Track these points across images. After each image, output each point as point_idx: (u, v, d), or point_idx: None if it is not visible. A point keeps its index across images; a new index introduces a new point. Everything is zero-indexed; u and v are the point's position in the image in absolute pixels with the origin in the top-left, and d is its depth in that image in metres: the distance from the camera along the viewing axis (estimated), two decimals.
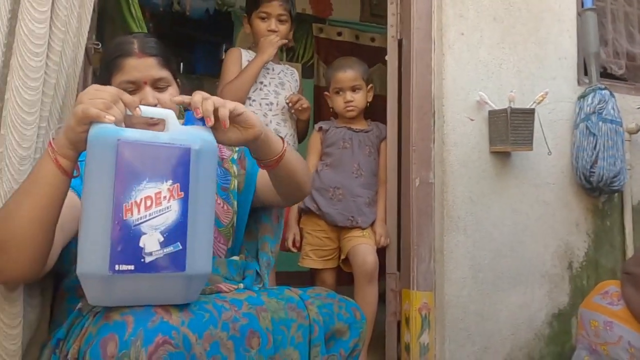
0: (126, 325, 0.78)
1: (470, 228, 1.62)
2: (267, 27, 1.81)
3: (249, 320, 0.90)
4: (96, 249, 0.79)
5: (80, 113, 0.82)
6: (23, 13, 1.05)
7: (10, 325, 0.98)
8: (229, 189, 1.20)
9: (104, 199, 0.80)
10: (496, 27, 1.70)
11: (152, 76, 1.12)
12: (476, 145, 1.65)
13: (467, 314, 1.59)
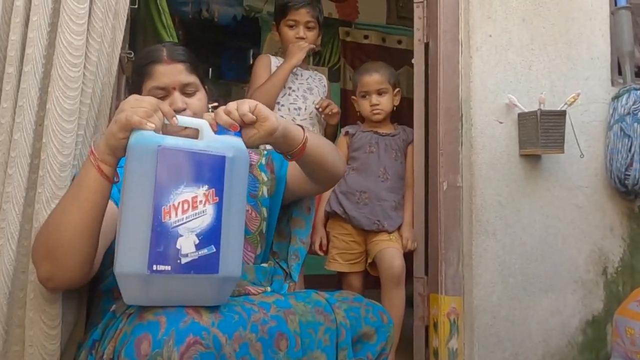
0: (159, 325, 0.80)
1: (499, 232, 1.59)
2: (295, 34, 1.83)
3: (277, 323, 0.92)
4: (135, 249, 0.82)
5: (123, 120, 0.86)
6: (62, 26, 1.10)
7: (51, 326, 1.02)
8: (257, 195, 1.22)
9: (144, 201, 0.84)
10: (525, 28, 1.68)
11: (181, 81, 1.16)
12: (505, 149, 1.62)
13: (497, 319, 1.57)
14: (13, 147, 1.06)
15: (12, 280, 1.04)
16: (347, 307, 1.05)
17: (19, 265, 1.06)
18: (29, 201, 1.08)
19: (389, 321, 1.10)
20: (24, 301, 1.05)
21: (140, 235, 0.83)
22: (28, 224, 1.07)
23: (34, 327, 1.02)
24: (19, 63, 1.10)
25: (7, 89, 1.08)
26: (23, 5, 1.10)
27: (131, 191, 0.84)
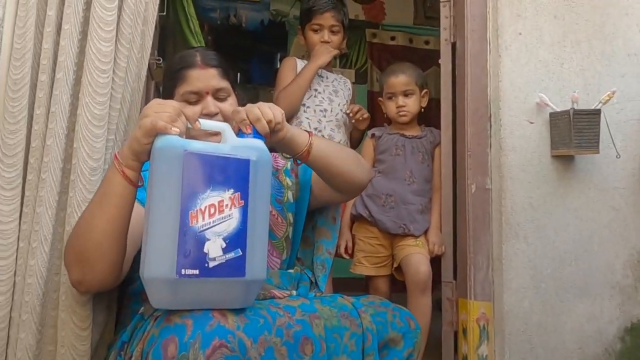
0: (186, 328, 0.81)
1: (530, 236, 1.55)
2: (320, 38, 1.84)
3: (303, 327, 0.91)
4: (163, 254, 0.83)
5: (148, 125, 0.87)
6: (91, 33, 1.12)
7: (81, 327, 1.05)
8: (283, 201, 1.22)
9: (171, 206, 0.85)
10: (557, 24, 1.63)
11: (214, 86, 1.18)
12: (536, 149, 1.57)
13: (528, 325, 1.52)
14: (46, 152, 1.09)
15: (46, 282, 1.07)
16: (374, 311, 1.04)
17: (53, 267, 1.09)
18: (62, 205, 1.11)
19: (417, 327, 1.08)
20: (57, 302, 1.07)
21: (168, 240, 0.83)
22: (61, 227, 1.10)
23: (66, 328, 1.04)
24: (51, 71, 1.13)
25: (40, 96, 1.11)
26: (55, 14, 1.14)
27: (158, 196, 0.85)
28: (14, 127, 1.09)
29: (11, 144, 1.09)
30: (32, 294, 1.05)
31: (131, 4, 1.18)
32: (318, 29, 1.84)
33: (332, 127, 1.81)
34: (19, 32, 1.13)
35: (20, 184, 1.10)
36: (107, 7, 1.14)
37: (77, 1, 1.14)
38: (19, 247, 1.08)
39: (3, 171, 1.08)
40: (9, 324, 1.07)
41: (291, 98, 1.77)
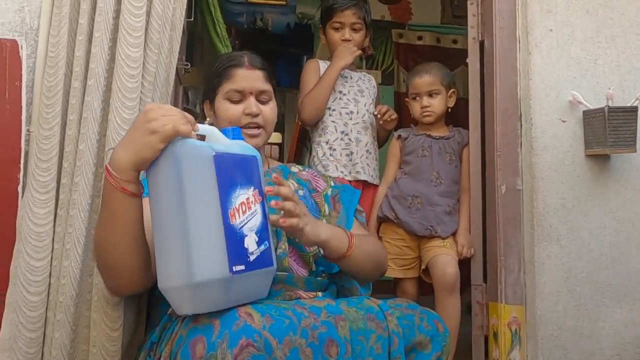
0: (213, 328, 0.82)
1: (564, 238, 1.50)
2: (341, 36, 1.81)
3: (328, 329, 0.91)
4: (213, 255, 0.84)
5: (170, 130, 0.85)
6: (120, 39, 1.15)
7: (112, 328, 1.07)
8: None
9: (212, 208, 0.86)
10: (590, 20, 1.57)
11: (258, 88, 1.21)
12: (569, 149, 1.53)
13: (562, 330, 1.47)
14: (79, 156, 1.12)
15: (79, 283, 1.10)
16: (400, 314, 1.02)
17: (87, 268, 1.12)
18: (94, 208, 1.13)
19: (445, 330, 1.06)
20: (91, 303, 1.10)
21: (216, 241, 0.84)
22: (94, 229, 1.13)
23: (97, 328, 1.07)
24: (83, 77, 1.16)
25: (73, 103, 1.14)
26: (87, 22, 1.17)
27: (196, 200, 0.84)
28: (48, 132, 1.13)
29: (46, 148, 1.12)
30: (66, 295, 1.08)
31: (159, 9, 1.21)
32: (339, 27, 1.82)
33: (358, 129, 1.79)
34: (53, 41, 1.17)
35: (55, 188, 1.13)
36: (136, 14, 1.16)
37: (107, 9, 1.16)
38: (53, 248, 1.12)
39: (38, 175, 1.11)
40: (44, 323, 1.10)
41: (315, 103, 1.76)
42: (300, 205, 1.02)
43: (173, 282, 0.84)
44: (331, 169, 1.74)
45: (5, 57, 1.19)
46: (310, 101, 1.77)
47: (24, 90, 1.20)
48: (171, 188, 0.84)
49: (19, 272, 1.09)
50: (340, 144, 1.77)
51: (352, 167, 1.75)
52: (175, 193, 0.84)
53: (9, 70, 1.19)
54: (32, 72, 1.23)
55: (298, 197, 1.08)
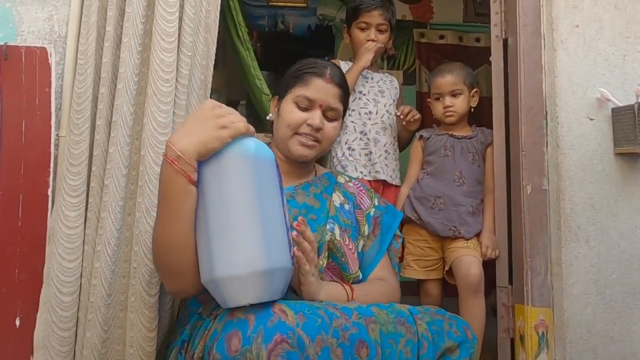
0: (248, 323, 0.83)
1: (593, 239, 1.46)
2: (367, 37, 1.81)
3: (359, 330, 0.92)
4: (279, 245, 0.89)
5: (243, 128, 0.91)
6: (154, 45, 1.17)
7: (149, 329, 1.09)
8: (356, 243, 1.24)
9: (277, 205, 0.91)
10: (618, 14, 1.53)
11: (329, 104, 1.20)
12: (597, 147, 1.49)
13: (592, 334, 1.44)
14: (109, 160, 1.15)
15: (110, 284, 1.12)
16: (430, 319, 1.02)
17: (120, 270, 1.13)
18: (127, 210, 1.15)
19: (474, 337, 1.06)
20: (125, 304, 1.12)
21: (282, 234, 0.90)
22: (128, 231, 1.15)
23: (134, 329, 1.09)
24: (110, 83, 1.19)
25: (101, 108, 1.17)
26: (113, 29, 1.20)
27: (267, 193, 0.90)
28: (78, 137, 1.16)
29: (76, 153, 1.16)
30: (97, 295, 1.11)
31: (191, 13, 1.22)
32: (365, 27, 1.82)
33: (377, 129, 1.79)
34: (82, 49, 1.20)
35: (85, 191, 1.16)
36: (169, 19, 1.18)
37: (135, 14, 1.18)
38: (84, 250, 1.15)
39: (69, 179, 1.15)
40: (76, 322, 1.14)
41: None
42: (315, 258, 1.03)
43: (240, 270, 0.85)
44: (350, 169, 1.74)
45: (35, 65, 1.23)
46: None
47: (53, 97, 1.24)
48: (241, 179, 0.88)
49: (52, 273, 1.13)
50: (360, 144, 1.76)
51: (371, 166, 1.75)
52: (245, 184, 0.88)
53: (39, 77, 1.23)
54: (60, 79, 1.27)
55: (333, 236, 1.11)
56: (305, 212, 1.19)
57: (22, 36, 1.30)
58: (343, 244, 1.18)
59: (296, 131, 1.17)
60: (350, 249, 1.19)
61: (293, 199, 1.20)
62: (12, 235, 1.19)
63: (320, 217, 1.19)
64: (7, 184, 1.20)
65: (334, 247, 1.16)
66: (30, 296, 1.17)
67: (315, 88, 1.19)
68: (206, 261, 0.88)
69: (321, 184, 1.27)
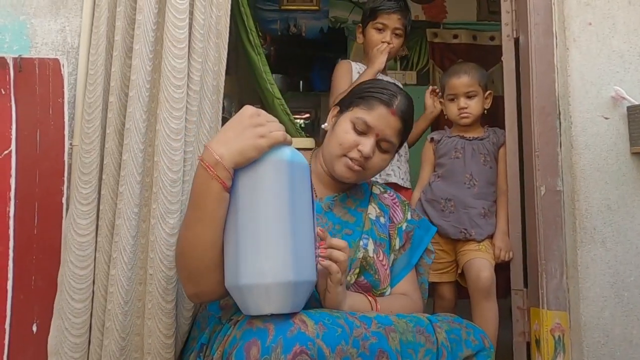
0: (268, 332, 0.83)
1: (610, 240, 1.43)
2: (382, 38, 1.80)
3: (378, 340, 0.91)
4: (307, 258, 0.89)
5: (281, 138, 0.90)
6: (165, 52, 1.17)
7: (167, 335, 1.09)
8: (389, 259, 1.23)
9: (308, 216, 0.91)
10: (633, 11, 1.50)
11: (386, 136, 1.16)
12: (613, 147, 1.46)
13: (610, 338, 1.40)
14: (122, 167, 1.15)
15: (127, 291, 1.12)
16: (448, 328, 1.01)
17: (137, 277, 1.14)
18: (142, 217, 1.16)
19: (491, 346, 1.05)
20: (142, 311, 1.12)
21: (309, 246, 0.89)
22: (143, 238, 1.15)
23: (152, 336, 1.09)
24: (119, 91, 1.20)
25: (110, 116, 1.19)
26: (121, 39, 1.21)
27: (298, 204, 0.89)
28: (89, 146, 1.18)
29: (87, 162, 1.17)
30: (114, 303, 1.12)
31: (200, 20, 1.23)
32: (382, 29, 1.81)
33: None
34: (92, 59, 1.22)
35: (96, 199, 1.18)
36: (179, 26, 1.18)
37: (146, 22, 1.19)
38: (95, 257, 1.17)
39: (80, 187, 1.17)
40: (89, 329, 1.15)
41: None
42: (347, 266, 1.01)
43: (267, 280, 0.85)
44: None
45: (48, 76, 1.26)
46: None
47: (66, 106, 1.27)
48: (275, 191, 0.88)
49: (64, 280, 1.15)
50: None
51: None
52: (281, 195, 0.88)
53: (52, 88, 1.26)
54: (73, 89, 1.29)
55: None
56: (340, 227, 1.17)
57: (36, 48, 1.33)
58: (377, 260, 1.16)
59: (345, 153, 1.14)
60: (384, 265, 1.18)
61: (331, 211, 1.19)
62: (28, 243, 1.21)
63: (356, 232, 1.18)
64: (23, 193, 1.22)
65: (366, 265, 1.14)
66: (46, 303, 1.19)
67: (378, 116, 1.14)
68: (232, 266, 0.88)
69: (357, 196, 1.25)
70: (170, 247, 1.11)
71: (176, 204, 1.14)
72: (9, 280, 1.18)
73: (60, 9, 1.35)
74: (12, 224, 1.20)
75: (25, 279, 1.20)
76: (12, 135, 1.23)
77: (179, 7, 1.19)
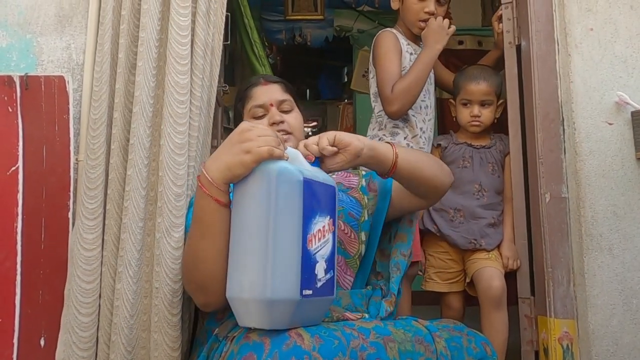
0: (264, 346, 0.83)
1: (616, 247, 1.42)
2: (424, 7, 1.60)
3: (377, 350, 0.91)
4: (288, 276, 0.87)
5: (265, 153, 0.89)
6: (169, 67, 1.19)
7: (173, 348, 1.10)
8: (359, 220, 1.22)
9: (294, 231, 0.88)
10: (634, 15, 1.49)
11: (277, 98, 1.24)
12: (618, 153, 1.44)
13: (619, 346, 1.38)
14: (127, 181, 1.17)
15: (133, 305, 1.13)
16: (448, 336, 1.01)
17: (142, 290, 1.15)
18: (147, 231, 1.17)
19: (493, 353, 1.03)
20: (148, 324, 1.13)
21: (292, 263, 0.87)
22: (148, 251, 1.16)
23: (159, 349, 1.10)
24: (123, 107, 1.23)
25: (114, 132, 1.21)
26: (125, 56, 1.24)
27: (281, 221, 0.87)
28: (94, 162, 1.20)
29: (92, 177, 1.19)
30: (120, 317, 1.13)
31: (201, 36, 1.25)
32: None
33: (430, 126, 1.68)
34: (97, 76, 1.24)
35: (102, 214, 1.19)
36: (182, 42, 1.21)
37: (149, 39, 1.21)
38: (101, 272, 1.18)
39: (86, 202, 1.18)
40: (96, 342, 1.17)
41: (412, 93, 1.52)
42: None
43: (245, 294, 0.87)
44: None
45: (54, 93, 1.29)
46: (406, 92, 1.52)
47: (71, 122, 1.29)
48: (259, 205, 0.88)
49: (71, 294, 1.16)
50: (419, 141, 1.62)
51: None
52: (262, 211, 0.88)
53: (57, 104, 1.28)
54: (78, 105, 1.32)
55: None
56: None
57: (43, 65, 1.36)
58: (339, 231, 1.16)
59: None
60: (346, 233, 1.18)
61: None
62: (36, 258, 1.23)
63: None
64: (30, 208, 1.25)
65: None
66: (54, 317, 1.21)
67: (259, 94, 1.24)
68: (227, 278, 0.91)
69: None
70: (176, 261, 1.12)
71: (181, 218, 1.15)
72: (17, 295, 1.20)
73: (66, 27, 1.38)
74: (19, 239, 1.22)
75: (33, 293, 1.22)
76: (19, 152, 1.25)
77: (182, 24, 1.21)
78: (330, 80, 4.65)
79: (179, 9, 1.21)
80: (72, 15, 1.38)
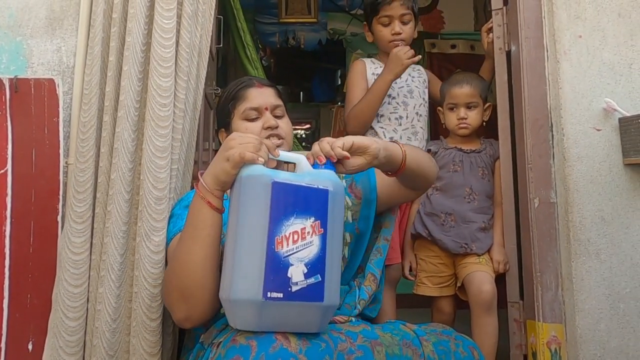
0: (250, 349, 0.84)
1: (604, 252, 1.43)
2: (391, 31, 1.69)
3: (364, 353, 0.92)
4: (250, 277, 0.87)
5: (237, 158, 0.92)
6: (152, 71, 1.19)
7: (151, 353, 1.10)
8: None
9: (258, 232, 0.89)
10: (622, 23, 1.51)
11: (272, 103, 1.24)
12: (605, 158, 1.46)
13: (606, 350, 1.40)
14: (111, 186, 1.17)
15: (115, 309, 1.13)
16: (436, 340, 1.01)
17: (126, 294, 1.15)
18: (132, 234, 1.16)
19: (480, 357, 1.04)
20: (130, 328, 1.13)
21: (256, 264, 0.88)
22: (132, 255, 1.16)
23: (136, 354, 1.10)
24: (113, 111, 1.22)
25: (104, 136, 1.21)
26: (115, 59, 1.23)
27: (245, 222, 0.90)
28: (83, 165, 1.19)
29: (81, 180, 1.19)
30: (101, 321, 1.13)
31: (186, 38, 1.25)
32: (388, 22, 1.69)
33: (408, 135, 1.73)
34: (87, 79, 1.24)
35: (90, 217, 1.19)
36: (165, 45, 1.21)
37: (135, 42, 1.21)
38: (90, 275, 1.18)
39: (75, 206, 1.18)
40: (83, 347, 1.16)
41: (361, 119, 1.67)
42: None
43: (221, 294, 0.91)
44: None
45: (44, 96, 1.28)
46: (355, 117, 1.68)
47: (61, 125, 1.28)
48: (232, 209, 0.93)
49: (59, 298, 1.16)
50: None
51: None
52: (233, 214, 0.92)
53: (47, 107, 1.28)
54: (68, 108, 1.31)
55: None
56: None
57: (33, 68, 1.35)
58: None
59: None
60: None
61: None
62: (24, 262, 1.23)
63: None
64: (19, 211, 1.24)
65: None
66: (42, 321, 1.20)
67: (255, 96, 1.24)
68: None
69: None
70: (155, 265, 1.12)
71: (161, 222, 1.14)
72: (5, 299, 1.19)
73: (56, 30, 1.37)
74: (8, 242, 1.21)
75: (22, 297, 1.21)
76: (8, 155, 1.24)
77: (165, 26, 1.21)
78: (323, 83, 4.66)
79: (162, 12, 1.21)
80: (62, 18, 1.38)
